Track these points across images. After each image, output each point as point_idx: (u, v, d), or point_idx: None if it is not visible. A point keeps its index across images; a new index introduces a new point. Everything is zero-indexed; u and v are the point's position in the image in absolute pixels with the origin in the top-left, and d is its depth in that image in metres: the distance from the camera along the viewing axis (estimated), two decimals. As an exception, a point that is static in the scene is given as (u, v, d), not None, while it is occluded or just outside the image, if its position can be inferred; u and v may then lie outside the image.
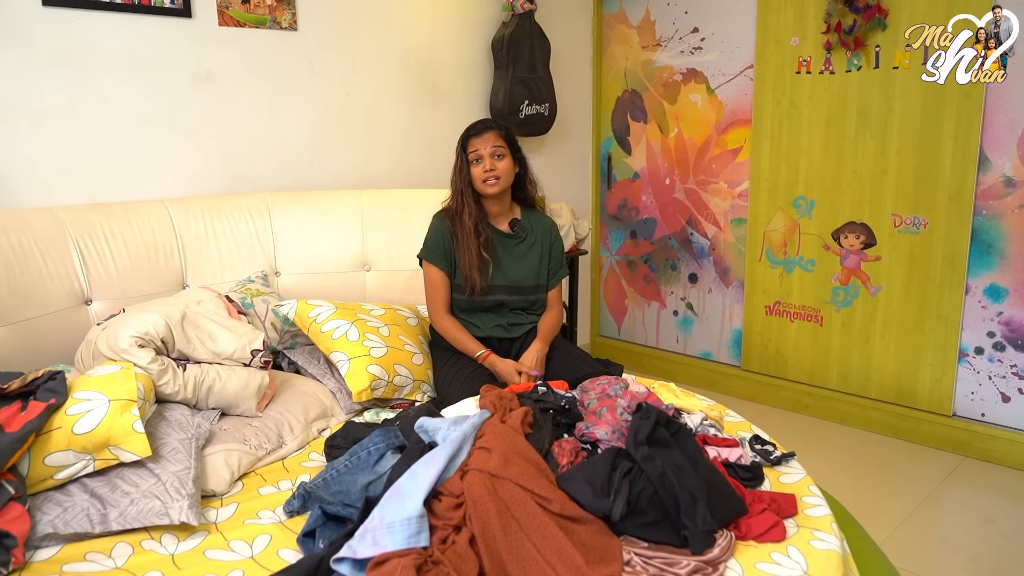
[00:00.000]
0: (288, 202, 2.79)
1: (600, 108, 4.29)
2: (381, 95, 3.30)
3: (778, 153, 3.52)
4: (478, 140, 2.38)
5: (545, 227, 2.52)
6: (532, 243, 2.48)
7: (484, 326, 2.43)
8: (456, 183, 2.42)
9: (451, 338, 2.39)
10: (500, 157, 2.38)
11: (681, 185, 3.95)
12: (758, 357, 3.76)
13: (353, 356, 2.24)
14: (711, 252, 3.89)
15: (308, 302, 2.43)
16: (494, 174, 2.36)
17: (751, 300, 3.73)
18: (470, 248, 2.36)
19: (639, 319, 4.28)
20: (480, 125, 2.43)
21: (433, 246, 2.42)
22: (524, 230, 2.47)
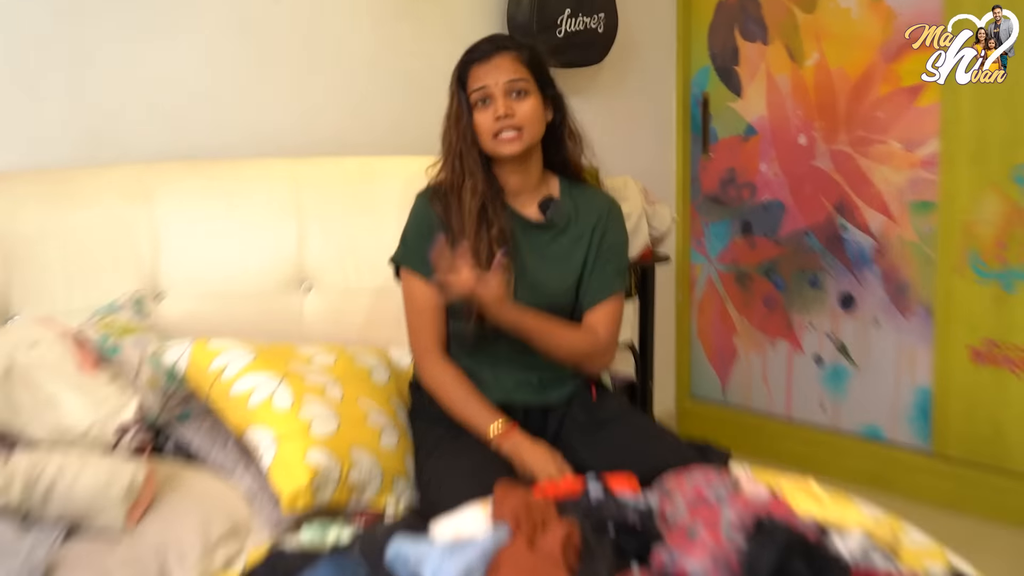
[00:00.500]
0: (178, 179, 2.79)
1: (689, 20, 4.28)
2: (331, 3, 3.30)
3: (988, 93, 3.49)
4: (484, 68, 2.40)
5: (599, 208, 2.53)
6: (579, 236, 2.49)
7: (499, 382, 2.43)
8: (450, 141, 2.44)
9: (448, 400, 2.39)
10: (521, 95, 2.40)
11: (825, 146, 3.94)
12: (960, 435, 3.73)
13: (283, 435, 2.24)
14: (877, 258, 3.86)
15: (209, 345, 2.43)
16: (512, 123, 2.38)
17: (947, 339, 3.71)
18: (475, 245, 2.37)
19: (757, 370, 4.26)
20: (488, 44, 2.45)
21: (416, 244, 2.43)
22: (563, 215, 2.48)
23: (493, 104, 2.38)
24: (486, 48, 2.43)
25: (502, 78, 2.39)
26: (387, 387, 2.55)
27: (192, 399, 2.55)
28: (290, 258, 2.82)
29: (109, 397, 2.09)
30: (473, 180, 2.41)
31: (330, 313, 2.82)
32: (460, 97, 2.43)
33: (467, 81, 2.42)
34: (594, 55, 3.80)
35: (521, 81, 2.40)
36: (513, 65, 2.41)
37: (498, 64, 2.40)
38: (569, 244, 2.49)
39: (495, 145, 2.40)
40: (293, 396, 2.31)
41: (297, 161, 2.93)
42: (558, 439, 2.43)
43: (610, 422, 2.42)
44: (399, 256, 2.47)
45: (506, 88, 2.38)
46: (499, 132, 2.38)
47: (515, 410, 2.43)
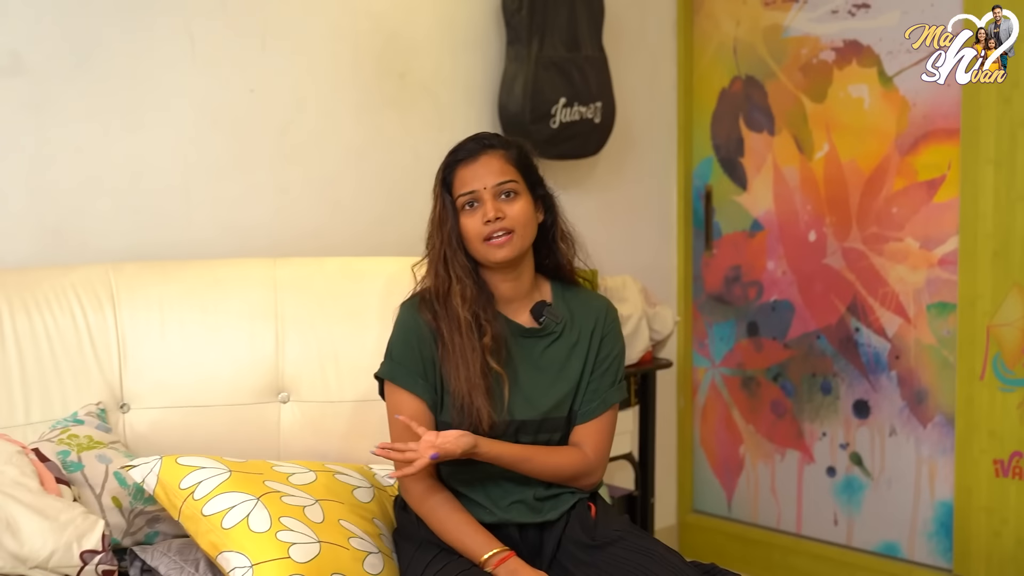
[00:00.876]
0: (146, 281, 2.80)
1: (691, 110, 4.34)
2: (310, 92, 3.35)
3: (1011, 187, 3.56)
4: (471, 170, 2.42)
5: (595, 312, 2.55)
6: (574, 342, 2.50)
7: (492, 501, 2.42)
8: (436, 246, 2.45)
9: (439, 526, 2.37)
10: (511, 196, 2.42)
11: (837, 243, 3.98)
12: (984, 554, 3.71)
13: (259, 561, 2.22)
14: (893, 363, 3.89)
15: (180, 461, 2.42)
16: (503, 225, 2.39)
17: (969, 450, 3.71)
18: (467, 356, 2.38)
19: (765, 482, 4.25)
20: (473, 143, 2.47)
21: (403, 356, 2.43)
22: (558, 319, 2.50)
23: (482, 207, 2.39)
24: (471, 148, 2.45)
25: (490, 181, 2.40)
26: (370, 506, 2.54)
27: (159, 520, 2.54)
28: (266, 366, 2.81)
29: (73, 520, 2.08)
30: (462, 286, 2.41)
31: (309, 426, 2.81)
32: (445, 200, 2.44)
33: (452, 183, 2.44)
34: (590, 146, 3.84)
35: (510, 182, 2.42)
36: (501, 165, 2.43)
37: (486, 164, 2.42)
38: (565, 352, 2.50)
39: (486, 250, 2.40)
40: (271, 518, 2.30)
41: (274, 262, 2.93)
42: (554, 561, 2.42)
43: (611, 543, 2.40)
44: (385, 371, 2.45)
45: (495, 191, 2.40)
46: (491, 236, 2.39)
47: (510, 528, 2.42)
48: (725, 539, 4.32)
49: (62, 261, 2.88)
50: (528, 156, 2.50)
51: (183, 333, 2.77)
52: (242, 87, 3.21)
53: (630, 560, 2.37)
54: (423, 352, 2.42)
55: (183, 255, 3.07)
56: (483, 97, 3.72)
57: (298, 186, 3.33)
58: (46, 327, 2.66)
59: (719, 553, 4.10)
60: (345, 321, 2.86)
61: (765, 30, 4.09)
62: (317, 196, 3.37)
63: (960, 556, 3.76)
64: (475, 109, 3.70)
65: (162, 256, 3.03)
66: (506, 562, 2.31)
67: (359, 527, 2.42)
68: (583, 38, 3.75)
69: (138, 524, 2.51)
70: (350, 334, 2.84)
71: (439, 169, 2.48)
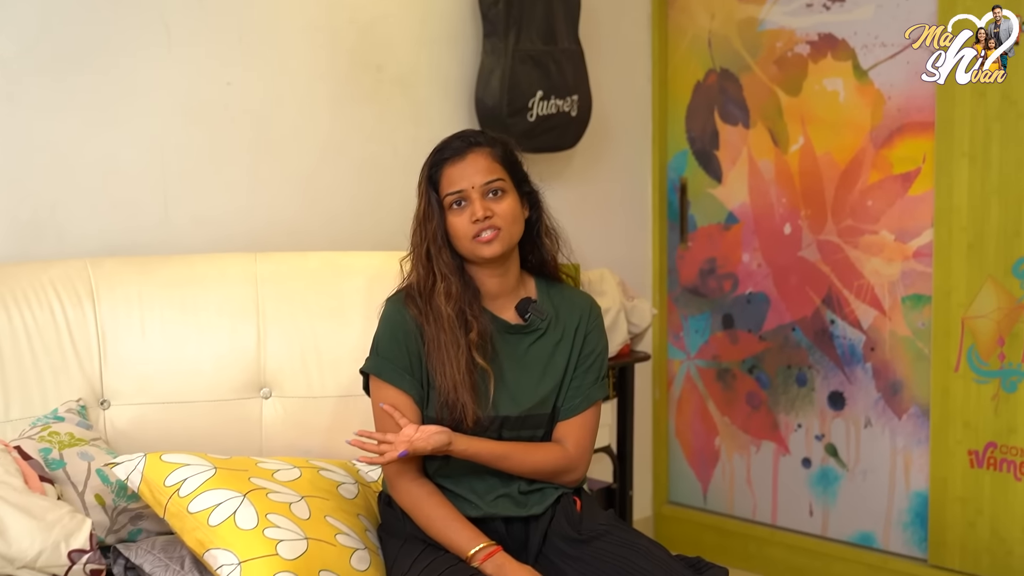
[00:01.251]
0: (125, 276, 2.79)
1: (666, 103, 4.34)
2: (287, 86, 3.34)
3: (986, 180, 3.58)
4: (458, 169, 2.43)
5: (580, 309, 2.56)
6: (558, 339, 2.51)
7: (478, 495, 2.43)
8: (421, 244, 2.46)
9: (425, 520, 2.38)
10: (499, 195, 2.42)
11: (812, 236, 3.99)
12: (958, 544, 3.74)
13: (247, 559, 2.22)
14: (868, 355, 3.91)
15: (165, 458, 2.42)
16: (491, 223, 2.40)
17: (943, 441, 3.73)
18: (451, 353, 2.38)
19: (740, 474, 4.27)
20: (459, 141, 2.47)
21: (389, 351, 2.43)
22: (543, 316, 2.51)
23: (470, 206, 2.40)
24: (458, 146, 2.45)
25: (478, 180, 2.41)
26: (355, 502, 2.54)
27: (142, 517, 2.53)
28: (248, 362, 2.81)
29: (60, 520, 2.07)
30: (446, 283, 2.41)
31: (291, 421, 2.81)
32: (431, 197, 2.44)
33: (439, 182, 2.44)
34: (567, 139, 3.84)
35: (497, 180, 2.42)
36: (488, 163, 2.43)
37: (473, 163, 2.42)
38: (550, 348, 2.50)
39: (474, 247, 2.41)
40: (257, 515, 2.30)
41: (255, 257, 2.93)
42: (540, 555, 2.43)
43: (597, 537, 2.41)
44: (371, 366, 2.45)
45: (483, 190, 2.40)
46: (479, 234, 2.39)
47: (496, 523, 2.42)
48: (701, 530, 4.32)
49: (37, 256, 2.86)
50: (513, 153, 2.50)
51: (163, 329, 2.76)
52: (219, 80, 3.20)
53: (616, 554, 2.38)
54: (409, 347, 2.42)
55: (159, 249, 3.06)
56: (460, 91, 3.71)
57: (275, 180, 3.32)
58: (24, 323, 2.65)
59: (695, 544, 4.11)
60: (327, 316, 2.86)
61: (740, 23, 4.09)
62: (294, 190, 3.36)
63: (935, 546, 3.78)
64: (451, 103, 3.69)
65: (138, 251, 3.02)
66: (492, 557, 2.32)
67: (345, 523, 2.42)
68: (559, 31, 3.75)
69: (121, 521, 2.51)
70: (332, 329, 2.84)
71: (424, 166, 2.48)
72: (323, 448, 2.79)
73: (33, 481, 2.22)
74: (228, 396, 2.79)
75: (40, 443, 2.46)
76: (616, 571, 2.34)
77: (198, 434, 2.73)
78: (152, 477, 2.38)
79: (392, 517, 2.48)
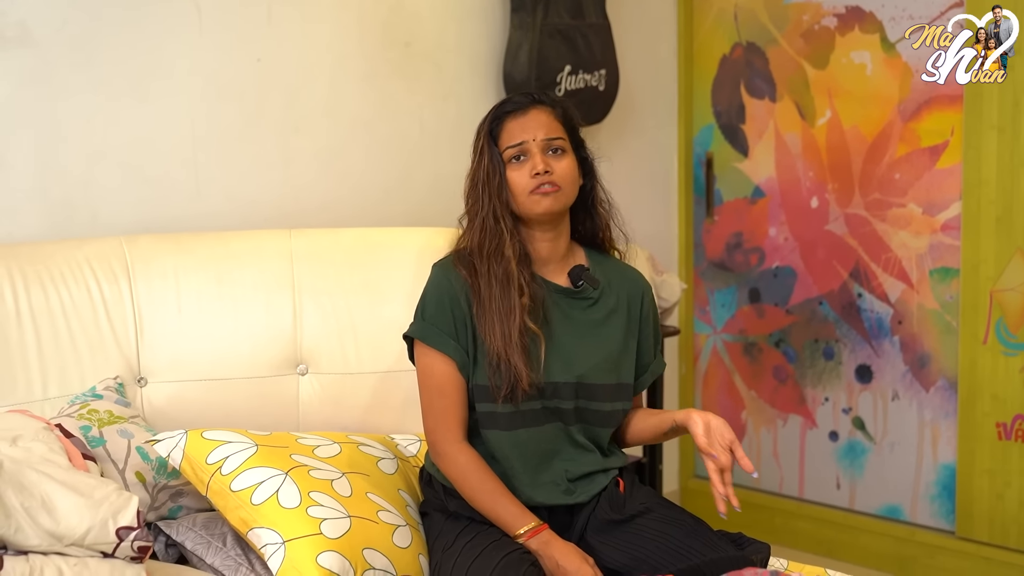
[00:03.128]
0: (160, 253, 2.79)
1: (692, 75, 4.33)
2: (317, 61, 3.33)
3: (1014, 152, 3.57)
4: (520, 123, 2.40)
5: (632, 285, 2.55)
6: (612, 308, 2.49)
7: (527, 478, 2.39)
8: (486, 201, 2.41)
9: (472, 492, 2.35)
10: (559, 153, 2.41)
11: (839, 210, 3.98)
12: (986, 516, 3.75)
13: (292, 538, 2.22)
14: (896, 328, 3.90)
15: (205, 435, 2.42)
16: (550, 178, 2.37)
17: (971, 414, 3.74)
18: (506, 314, 2.35)
19: (767, 447, 4.27)
20: (523, 97, 2.46)
21: (435, 316, 2.40)
22: (596, 284, 2.48)
23: (529, 160, 2.37)
24: (521, 100, 2.44)
25: (540, 134, 2.39)
26: (395, 478, 2.54)
27: (182, 494, 2.54)
28: (284, 339, 2.81)
29: (108, 497, 2.07)
30: (512, 240, 2.39)
31: (328, 398, 2.81)
32: (492, 153, 2.41)
33: (499, 136, 2.41)
34: (595, 114, 3.83)
35: (559, 139, 2.41)
36: (550, 121, 2.42)
37: (535, 118, 2.41)
38: (602, 316, 2.48)
39: (530, 202, 2.37)
40: (300, 493, 2.31)
41: (289, 233, 2.93)
42: (582, 539, 2.41)
43: (639, 515, 2.41)
44: (416, 330, 2.42)
45: (543, 145, 2.38)
46: (539, 187, 2.36)
47: (539, 510, 2.39)
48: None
49: (71, 235, 2.86)
50: (574, 117, 2.49)
51: (199, 306, 2.76)
52: (249, 57, 3.18)
53: (658, 531, 2.38)
54: (455, 312, 2.39)
55: (192, 226, 3.06)
56: (488, 65, 3.70)
57: (305, 157, 3.31)
58: (61, 301, 2.64)
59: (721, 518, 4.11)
60: (363, 292, 2.86)
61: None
62: (324, 167, 3.35)
63: (963, 518, 3.80)
64: (480, 78, 3.68)
65: (172, 227, 3.02)
66: (539, 534, 2.30)
67: (386, 499, 2.42)
68: (587, 5, 3.73)
69: (162, 499, 2.52)
70: (368, 305, 2.84)
71: (484, 122, 2.45)
72: (360, 424, 2.79)
73: (76, 459, 2.22)
74: (265, 373, 2.79)
75: (80, 421, 2.46)
76: (659, 548, 2.33)
77: (235, 412, 2.73)
78: (194, 454, 2.39)
79: (433, 495, 2.47)
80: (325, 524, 2.26)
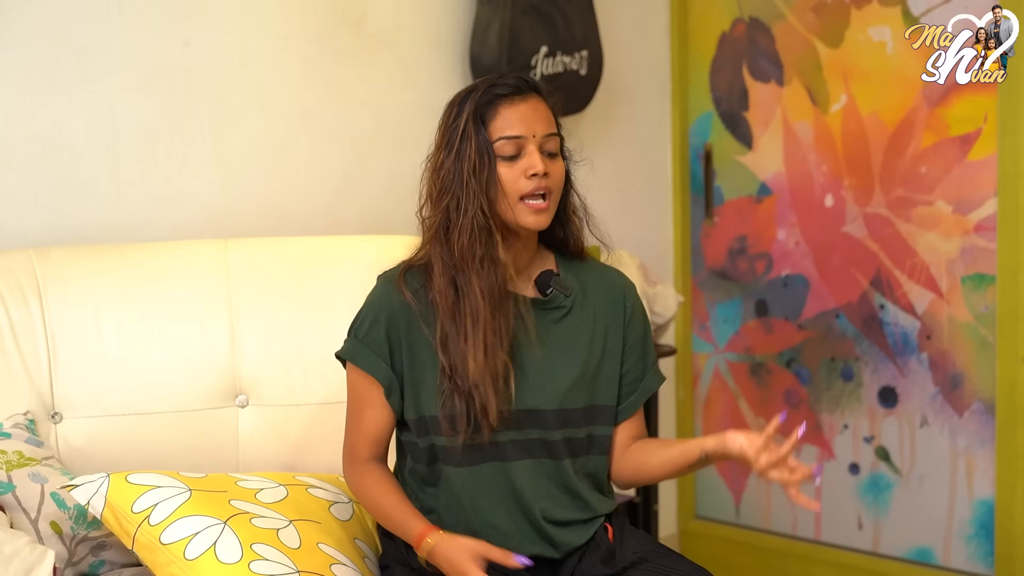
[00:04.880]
0: (76, 269, 2.78)
1: (687, 58, 4.34)
2: (254, 44, 3.33)
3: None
4: (518, 111, 2.33)
5: (611, 285, 2.53)
6: (587, 317, 2.47)
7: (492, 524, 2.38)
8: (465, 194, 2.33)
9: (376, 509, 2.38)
10: (554, 157, 2.36)
11: (858, 209, 3.99)
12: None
13: (232, 596, 2.23)
14: (924, 344, 3.91)
15: (131, 479, 2.40)
16: (547, 184, 2.32)
17: (1011, 441, 3.74)
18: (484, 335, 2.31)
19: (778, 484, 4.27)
20: (516, 80, 2.37)
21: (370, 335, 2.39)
22: (567, 291, 2.45)
23: (526, 158, 2.31)
24: (518, 84, 2.35)
25: (540, 129, 2.33)
26: (350, 525, 2.53)
27: (105, 547, 2.52)
28: (220, 366, 2.80)
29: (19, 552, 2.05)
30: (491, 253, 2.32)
31: (272, 433, 2.80)
32: (481, 139, 2.32)
33: (490, 122, 2.33)
34: (576, 102, 3.84)
35: (555, 137, 2.37)
36: (548, 115, 2.37)
37: (535, 107, 2.35)
38: (576, 328, 2.45)
39: (519, 209, 2.32)
40: (241, 545, 2.28)
41: (225, 243, 2.92)
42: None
43: (633, 568, 2.39)
44: (346, 349, 2.42)
45: (542, 143, 2.33)
46: (531, 194, 2.32)
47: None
48: (734, 548, 4.34)
49: (-29, 246, 2.86)
50: (558, 112, 2.44)
51: (122, 329, 2.75)
52: (176, 40, 3.18)
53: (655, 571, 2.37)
54: (391, 334, 2.38)
55: (113, 237, 3.05)
56: (452, 47, 3.71)
57: (242, 155, 3.31)
58: (-37, 325, 2.65)
59: (727, 565, 4.13)
60: (311, 311, 2.85)
61: (771, -35, 4.11)
62: (264, 166, 3.36)
63: (1002, 562, 3.79)
64: (443, 61, 3.69)
65: (88, 239, 3.02)
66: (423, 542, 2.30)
67: (340, 551, 2.40)
68: (566, -24, 3.75)
69: (81, 553, 2.49)
70: (317, 326, 2.83)
71: (469, 100, 2.34)
72: (310, 463, 2.78)
73: (-17, 509, 2.21)
74: (199, 406, 2.77)
75: (-16, 463, 2.45)
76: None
77: (165, 451, 2.72)
78: (117, 502, 2.36)
79: (393, 547, 2.46)
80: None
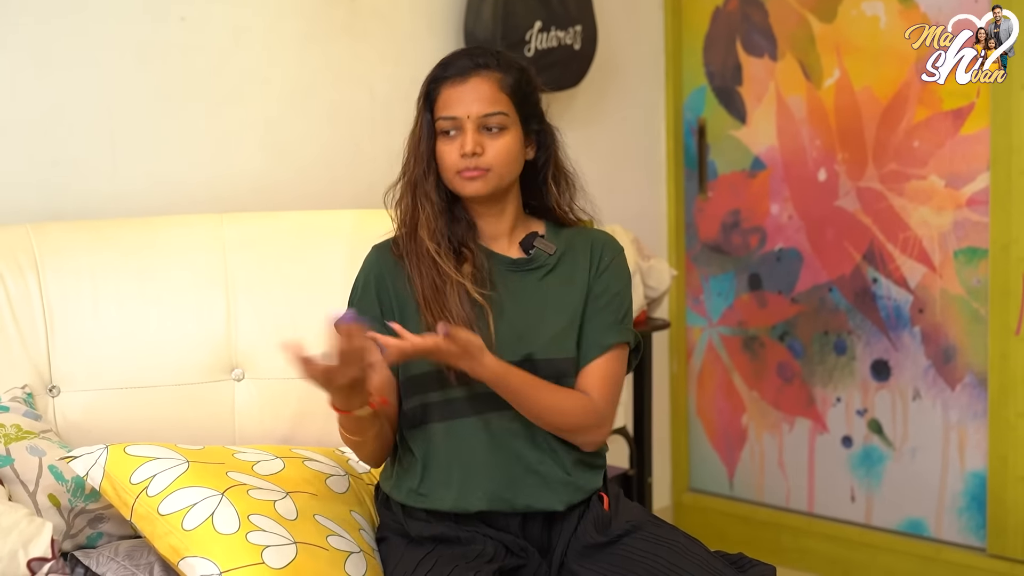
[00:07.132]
0: (73, 243, 2.78)
1: (680, 31, 4.33)
2: (249, 20, 3.33)
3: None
4: (456, 92, 2.42)
5: (593, 244, 2.56)
6: (571, 276, 2.51)
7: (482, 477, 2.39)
8: (410, 169, 2.47)
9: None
10: (497, 131, 2.42)
11: (851, 183, 4.00)
12: (1021, 532, 3.74)
13: (229, 568, 2.21)
14: (916, 317, 3.92)
15: (129, 450, 2.41)
16: (478, 163, 2.41)
17: (1003, 415, 3.74)
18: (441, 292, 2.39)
19: (771, 456, 4.29)
20: (466, 60, 2.45)
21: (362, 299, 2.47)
22: (550, 251, 2.51)
23: (461, 137, 2.40)
24: (463, 65, 2.44)
25: (475, 109, 2.40)
26: (346, 497, 2.53)
27: (102, 519, 2.52)
28: (216, 340, 2.80)
29: (17, 524, 2.06)
30: (428, 214, 2.43)
31: (268, 406, 2.80)
32: (424, 118, 2.45)
33: (435, 102, 2.44)
34: (570, 77, 3.83)
35: (498, 115, 2.41)
36: (492, 93, 2.42)
37: (475, 88, 2.41)
38: (559, 285, 2.49)
39: (455, 182, 2.43)
40: (238, 516, 2.29)
41: (221, 219, 2.91)
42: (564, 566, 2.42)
43: (626, 536, 2.41)
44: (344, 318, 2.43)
45: (479, 122, 2.40)
46: (462, 171, 2.41)
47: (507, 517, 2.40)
48: (727, 521, 4.35)
49: (-32, 223, 2.86)
50: (527, 83, 2.48)
51: (119, 303, 2.75)
52: (171, 15, 3.17)
53: (648, 552, 2.38)
54: (382, 296, 2.43)
55: (109, 212, 3.05)
56: (446, 22, 3.70)
57: (238, 131, 3.31)
58: (-43, 302, 2.64)
59: (720, 537, 4.13)
60: (307, 286, 2.85)
61: (765, -60, 4.10)
62: (260, 142, 3.35)
63: (995, 534, 3.80)
64: (437, 37, 3.68)
65: (85, 215, 3.01)
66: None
67: (336, 522, 2.41)
68: (559, -46, 3.74)
69: (79, 525, 2.48)
70: (313, 301, 2.81)
71: (424, 81, 2.48)
72: (304, 436, 2.78)
73: (-19, 482, 2.22)
74: (195, 379, 2.77)
75: (-17, 436, 2.46)
76: (648, 572, 2.33)
77: (162, 424, 2.71)
78: (116, 473, 2.37)
79: (391, 517, 2.47)
80: (267, 552, 2.24)
